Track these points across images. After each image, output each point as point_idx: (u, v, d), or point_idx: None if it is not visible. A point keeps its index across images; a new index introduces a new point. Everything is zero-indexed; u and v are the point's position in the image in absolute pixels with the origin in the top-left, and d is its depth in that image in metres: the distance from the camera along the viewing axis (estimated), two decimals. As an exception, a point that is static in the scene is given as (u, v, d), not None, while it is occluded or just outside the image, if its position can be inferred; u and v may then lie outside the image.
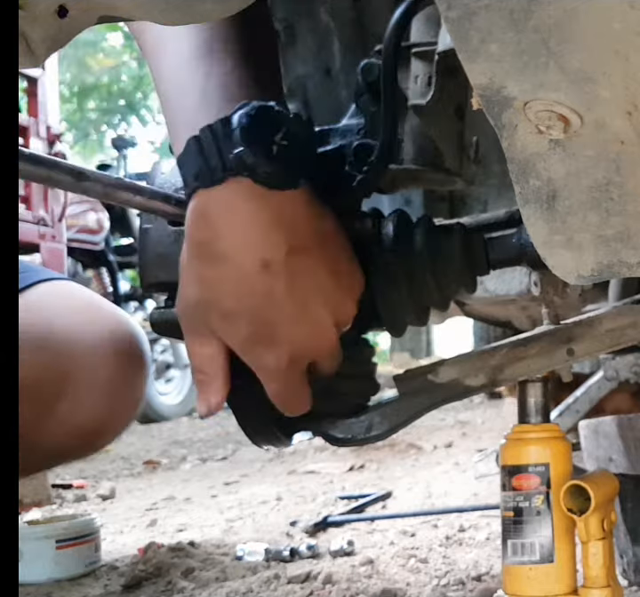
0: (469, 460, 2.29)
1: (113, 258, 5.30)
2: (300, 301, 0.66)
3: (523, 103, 0.47)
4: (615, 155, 0.50)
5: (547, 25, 0.43)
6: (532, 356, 0.76)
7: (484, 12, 0.43)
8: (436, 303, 0.76)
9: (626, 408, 2.01)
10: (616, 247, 0.55)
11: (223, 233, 0.65)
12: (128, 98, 12.89)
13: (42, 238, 3.46)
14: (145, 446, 3.87)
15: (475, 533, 1.50)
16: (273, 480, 2.53)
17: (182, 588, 1.28)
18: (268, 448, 0.79)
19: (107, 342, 1.12)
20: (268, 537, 1.64)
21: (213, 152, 0.64)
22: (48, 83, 3.72)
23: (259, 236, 0.65)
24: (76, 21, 0.55)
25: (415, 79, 0.94)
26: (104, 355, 1.11)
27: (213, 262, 0.66)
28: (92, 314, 1.14)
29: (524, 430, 0.76)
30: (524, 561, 0.73)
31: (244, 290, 0.66)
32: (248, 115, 0.64)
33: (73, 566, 1.44)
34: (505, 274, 1.19)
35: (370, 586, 1.22)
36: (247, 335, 0.68)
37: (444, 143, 0.95)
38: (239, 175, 0.63)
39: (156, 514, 2.05)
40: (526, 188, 0.53)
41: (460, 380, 0.77)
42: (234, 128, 0.63)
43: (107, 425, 1.16)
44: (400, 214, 0.77)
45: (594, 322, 0.77)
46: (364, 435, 0.77)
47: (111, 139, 6.15)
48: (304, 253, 0.66)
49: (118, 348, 1.13)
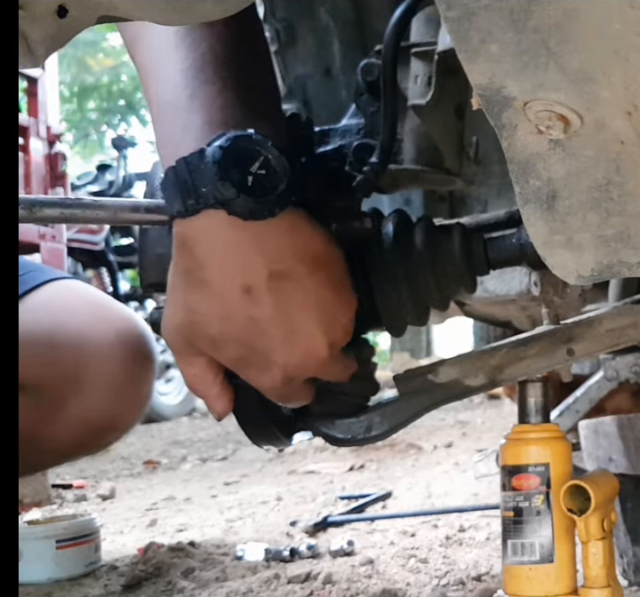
0: (469, 460, 2.29)
1: (113, 258, 5.30)
2: (288, 323, 0.66)
3: (523, 103, 0.47)
4: (615, 155, 0.50)
5: (547, 25, 0.43)
6: (531, 356, 0.76)
7: (483, 12, 0.43)
8: (436, 303, 0.76)
9: (626, 408, 2.01)
10: (616, 247, 0.55)
11: (203, 261, 0.66)
12: (128, 98, 12.88)
13: (42, 238, 3.46)
14: (145, 446, 3.87)
15: (475, 533, 1.50)
16: (273, 480, 2.53)
17: (182, 588, 1.28)
18: (268, 448, 0.79)
19: (116, 341, 1.15)
20: (268, 537, 1.64)
21: (189, 184, 0.64)
22: (48, 83, 3.72)
23: (238, 263, 0.65)
24: (75, 21, 0.55)
25: (415, 79, 0.94)
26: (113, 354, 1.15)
27: (198, 287, 0.67)
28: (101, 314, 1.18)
29: (523, 430, 0.76)
30: (523, 561, 0.73)
31: (227, 316, 0.66)
32: (221, 148, 0.64)
33: (73, 566, 1.44)
34: (505, 275, 1.19)
35: (370, 586, 1.22)
36: (236, 358, 0.68)
37: (443, 143, 0.95)
38: (212, 208, 0.64)
39: (156, 514, 2.05)
40: (526, 188, 0.53)
41: (459, 380, 0.77)
42: (207, 161, 0.64)
43: (116, 421, 1.19)
44: (400, 214, 0.77)
45: (594, 322, 0.77)
46: (363, 435, 0.77)
47: (111, 139, 6.15)
48: (287, 277, 0.66)
49: (127, 347, 1.16)
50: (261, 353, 0.67)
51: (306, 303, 0.67)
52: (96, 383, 1.14)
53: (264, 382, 0.69)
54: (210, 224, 0.65)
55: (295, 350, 0.67)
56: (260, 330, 0.66)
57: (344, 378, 0.73)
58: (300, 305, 0.67)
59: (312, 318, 0.67)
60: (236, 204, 0.64)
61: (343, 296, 0.70)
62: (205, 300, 0.66)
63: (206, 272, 0.66)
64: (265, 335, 0.66)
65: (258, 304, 0.66)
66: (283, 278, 0.66)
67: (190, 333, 0.68)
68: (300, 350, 0.67)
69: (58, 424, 1.15)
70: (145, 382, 1.20)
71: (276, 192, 0.65)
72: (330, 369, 0.71)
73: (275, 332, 0.66)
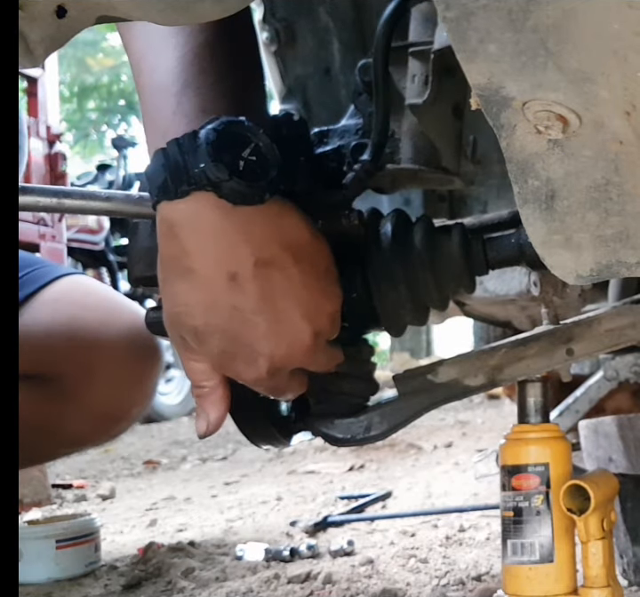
0: (469, 460, 2.29)
1: (113, 258, 5.30)
2: (272, 313, 0.66)
3: (521, 103, 0.47)
4: (614, 155, 0.50)
5: (545, 25, 0.43)
6: (531, 356, 0.76)
7: (482, 12, 0.42)
8: (436, 303, 0.76)
9: (626, 408, 2.01)
10: (615, 247, 0.55)
11: (189, 247, 0.65)
12: (128, 98, 12.88)
13: (42, 238, 3.46)
14: (145, 446, 3.87)
15: (475, 533, 1.50)
16: (273, 480, 2.53)
17: (182, 588, 1.28)
18: (267, 448, 0.79)
19: (125, 335, 1.22)
20: (268, 537, 1.64)
21: (180, 166, 0.64)
22: (48, 83, 3.73)
23: (224, 249, 0.65)
24: (74, 21, 0.55)
25: (412, 78, 0.94)
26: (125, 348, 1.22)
27: (183, 276, 0.66)
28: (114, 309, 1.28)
29: (523, 430, 0.76)
30: (523, 560, 0.73)
31: (212, 305, 0.65)
32: (215, 131, 0.64)
33: (73, 566, 1.44)
34: (505, 275, 1.19)
35: (370, 586, 1.22)
36: (221, 351, 0.67)
37: (441, 142, 0.95)
38: (203, 190, 0.64)
39: (156, 514, 2.05)
40: (525, 188, 0.53)
41: (459, 380, 0.77)
42: (200, 143, 0.64)
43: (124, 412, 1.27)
44: (399, 214, 0.77)
45: (593, 322, 0.77)
46: (363, 435, 0.77)
47: (111, 139, 6.14)
48: (273, 265, 0.66)
49: (137, 342, 1.23)
50: (246, 344, 0.66)
51: (290, 291, 0.66)
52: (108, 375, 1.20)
53: (250, 374, 0.68)
54: (197, 207, 0.64)
55: (280, 339, 0.67)
56: (245, 319, 0.65)
57: (329, 368, 0.72)
58: (284, 293, 0.66)
59: (296, 307, 0.67)
60: (228, 187, 0.63)
61: (328, 286, 0.70)
62: (190, 289, 0.66)
63: (191, 258, 0.65)
64: (249, 324, 0.66)
65: (242, 292, 0.65)
66: (268, 266, 0.66)
67: (178, 326, 0.68)
68: (284, 339, 0.67)
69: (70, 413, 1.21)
70: (151, 376, 1.27)
71: (266, 178, 0.65)
72: (315, 359, 0.70)
73: (259, 321, 0.66)
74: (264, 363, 0.67)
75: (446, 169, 0.95)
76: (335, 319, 0.70)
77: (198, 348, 0.68)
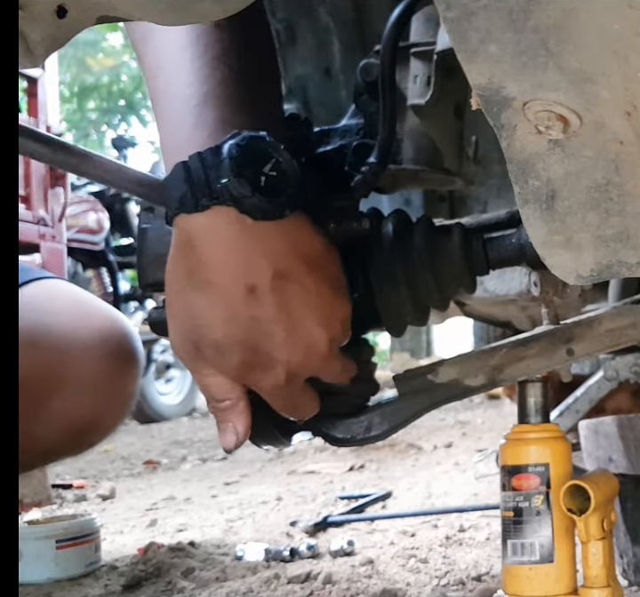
0: (469, 460, 2.29)
1: (113, 258, 5.29)
2: (289, 321, 0.67)
3: (522, 103, 0.47)
4: (614, 155, 0.50)
5: (546, 25, 0.43)
6: (531, 356, 0.76)
7: (482, 13, 0.42)
8: (436, 303, 0.76)
9: (626, 408, 2.01)
10: (615, 247, 0.55)
11: (207, 259, 0.66)
12: (128, 98, 12.89)
13: (42, 238, 3.46)
14: (145, 446, 3.87)
15: (475, 533, 1.51)
16: (273, 480, 2.53)
17: (182, 588, 1.28)
18: (267, 448, 0.79)
19: (97, 340, 1.12)
20: (268, 537, 1.64)
21: (201, 180, 0.64)
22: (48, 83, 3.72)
23: (243, 263, 0.65)
24: (74, 21, 0.55)
25: (414, 79, 0.94)
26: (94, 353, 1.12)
27: (200, 289, 0.66)
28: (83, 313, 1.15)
29: (523, 430, 0.76)
30: (523, 561, 0.73)
31: (231, 318, 0.66)
32: (238, 146, 0.64)
33: (73, 566, 1.44)
34: (505, 275, 1.19)
35: (370, 586, 1.22)
36: (240, 363, 0.68)
37: (443, 143, 0.95)
38: (224, 204, 0.64)
39: (155, 514, 2.05)
40: (525, 188, 0.53)
41: (459, 380, 0.77)
42: (223, 158, 0.64)
43: (97, 422, 1.17)
44: (400, 214, 0.77)
45: (593, 323, 0.77)
46: (363, 435, 0.77)
47: (111, 139, 6.15)
48: (290, 276, 0.67)
49: (108, 346, 1.14)
50: (264, 353, 0.67)
51: (306, 301, 0.67)
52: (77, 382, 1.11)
53: (269, 381, 0.69)
54: (217, 221, 0.65)
55: (297, 346, 0.68)
56: (263, 329, 0.66)
57: (344, 379, 0.73)
58: (300, 303, 0.67)
59: (312, 315, 0.68)
60: (249, 203, 0.64)
61: (340, 293, 0.71)
62: (209, 303, 0.66)
63: (210, 271, 0.66)
64: (268, 334, 0.67)
65: (261, 304, 0.66)
66: (284, 278, 0.67)
67: (196, 340, 0.68)
68: (301, 346, 0.68)
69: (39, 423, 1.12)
70: (127, 382, 1.17)
71: (286, 194, 0.65)
72: (330, 367, 0.71)
73: (277, 330, 0.67)
74: (282, 370, 0.68)
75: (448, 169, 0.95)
76: (346, 325, 0.71)
77: (218, 361, 0.68)
